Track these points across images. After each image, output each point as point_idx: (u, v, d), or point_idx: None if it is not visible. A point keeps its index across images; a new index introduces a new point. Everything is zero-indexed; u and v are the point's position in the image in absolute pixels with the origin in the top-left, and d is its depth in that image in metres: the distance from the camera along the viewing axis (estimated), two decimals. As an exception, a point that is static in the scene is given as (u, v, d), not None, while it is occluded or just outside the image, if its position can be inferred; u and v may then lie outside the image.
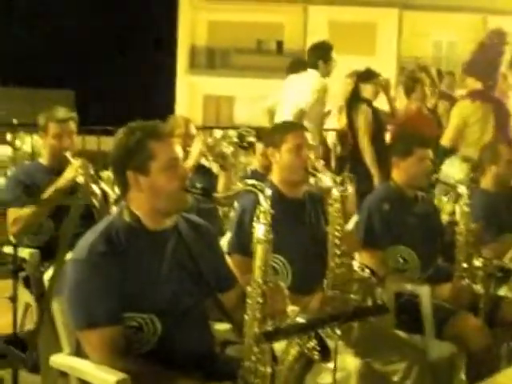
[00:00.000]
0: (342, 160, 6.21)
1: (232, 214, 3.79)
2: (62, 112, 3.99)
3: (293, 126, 3.29)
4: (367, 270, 2.92)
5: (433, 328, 3.21)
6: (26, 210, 3.73)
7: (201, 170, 4.37)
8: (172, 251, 2.33)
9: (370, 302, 3.02)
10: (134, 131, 2.30)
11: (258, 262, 2.22)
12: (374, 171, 5.60)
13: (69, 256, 2.43)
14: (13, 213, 3.76)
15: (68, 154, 3.89)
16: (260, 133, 4.83)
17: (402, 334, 3.24)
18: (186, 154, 4.22)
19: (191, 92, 26.97)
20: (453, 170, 4.39)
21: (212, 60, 27.24)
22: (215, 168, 4.64)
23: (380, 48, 25.43)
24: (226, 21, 26.11)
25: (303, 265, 3.07)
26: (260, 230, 2.22)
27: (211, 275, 2.41)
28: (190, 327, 2.33)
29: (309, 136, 3.18)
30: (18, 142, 6.86)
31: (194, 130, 4.43)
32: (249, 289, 2.23)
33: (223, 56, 27.13)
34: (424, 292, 3.23)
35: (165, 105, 27.73)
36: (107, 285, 2.19)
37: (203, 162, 4.50)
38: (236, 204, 3.32)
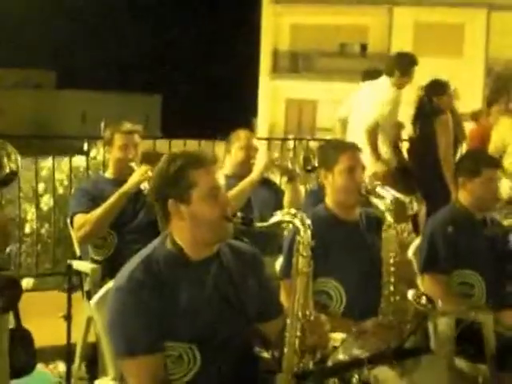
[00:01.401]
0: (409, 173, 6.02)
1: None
2: (127, 125, 4.05)
3: (345, 147, 3.18)
4: (424, 298, 2.79)
5: (495, 359, 3.04)
6: (93, 213, 3.79)
7: (266, 183, 4.32)
8: (213, 280, 2.29)
9: (430, 330, 2.91)
10: (175, 159, 2.27)
11: (296, 294, 2.15)
12: (453, 186, 5.36)
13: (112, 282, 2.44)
14: (80, 218, 3.83)
15: (133, 166, 3.92)
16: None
17: (462, 362, 3.09)
18: (250, 166, 4.20)
19: (274, 96, 26.98)
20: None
21: (295, 64, 27.17)
22: (283, 183, 4.59)
23: (467, 49, 24.77)
24: (308, 24, 25.99)
25: (358, 290, 2.98)
26: (299, 261, 2.15)
27: (254, 304, 2.35)
28: (231, 357, 2.28)
29: (362, 156, 3.09)
30: (93, 152, 7.00)
31: (256, 143, 4.39)
32: (288, 322, 2.17)
33: (306, 59, 27.02)
34: (487, 321, 3.06)
35: (247, 109, 27.93)
36: (146, 314, 2.18)
37: (269, 175, 4.46)
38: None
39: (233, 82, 33.20)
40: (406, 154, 6.32)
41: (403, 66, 5.75)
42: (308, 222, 2.19)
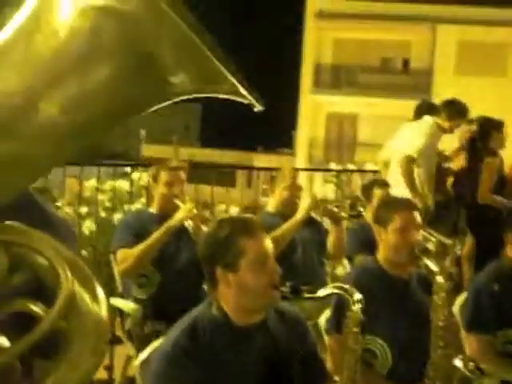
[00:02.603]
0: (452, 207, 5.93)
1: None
2: (173, 161, 4.06)
3: (401, 205, 3.11)
4: (472, 364, 2.73)
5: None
6: (135, 248, 3.77)
7: (310, 222, 4.28)
8: (258, 348, 2.26)
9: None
10: (224, 226, 2.25)
11: (345, 371, 2.11)
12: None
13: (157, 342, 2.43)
14: (122, 253, 3.83)
15: (178, 202, 3.91)
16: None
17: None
18: (295, 206, 4.17)
19: (314, 109, 26.90)
20: None
21: (337, 78, 27.06)
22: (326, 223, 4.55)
23: (512, 69, 24.40)
24: (351, 38, 25.89)
25: (404, 349, 2.91)
26: (349, 338, 2.10)
27: (299, 371, 2.31)
28: None
29: (418, 216, 3.03)
30: (136, 174, 7.01)
31: (300, 182, 4.38)
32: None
33: (348, 74, 26.89)
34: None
35: (287, 122, 27.92)
36: (186, 382, 2.15)
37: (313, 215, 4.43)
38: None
39: (274, 94, 33.22)
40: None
41: (452, 110, 5.63)
42: (358, 296, 2.15)
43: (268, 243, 2.26)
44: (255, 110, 1.11)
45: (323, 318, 3.13)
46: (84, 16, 1.01)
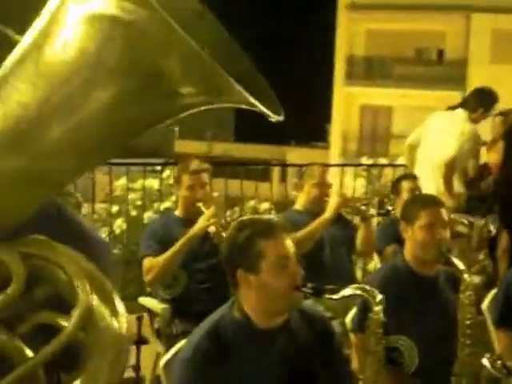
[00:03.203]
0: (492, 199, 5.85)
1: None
2: (195, 164, 4.01)
3: (429, 202, 3.09)
4: (499, 363, 2.70)
5: None
6: (159, 258, 3.75)
7: (339, 219, 4.26)
8: (280, 349, 2.25)
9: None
10: (244, 228, 2.24)
11: (367, 373, 2.10)
12: None
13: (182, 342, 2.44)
14: (148, 262, 3.80)
15: (201, 205, 3.87)
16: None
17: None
18: (323, 203, 4.15)
19: (348, 102, 26.73)
20: None
21: (370, 70, 26.84)
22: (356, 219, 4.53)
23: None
24: (384, 29, 25.63)
25: (430, 347, 2.89)
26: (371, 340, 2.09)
27: (323, 375, 2.30)
28: None
29: (444, 213, 3.00)
30: (167, 172, 7.03)
31: (329, 179, 4.36)
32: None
33: (381, 66, 26.65)
34: None
35: (321, 115, 27.83)
36: None
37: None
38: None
39: (307, 87, 33.15)
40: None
41: (488, 103, 5.55)
42: (379, 297, 2.14)
43: (289, 244, 2.24)
44: (272, 120, 1.09)
45: (349, 317, 3.12)
46: (91, 27, 1.01)
